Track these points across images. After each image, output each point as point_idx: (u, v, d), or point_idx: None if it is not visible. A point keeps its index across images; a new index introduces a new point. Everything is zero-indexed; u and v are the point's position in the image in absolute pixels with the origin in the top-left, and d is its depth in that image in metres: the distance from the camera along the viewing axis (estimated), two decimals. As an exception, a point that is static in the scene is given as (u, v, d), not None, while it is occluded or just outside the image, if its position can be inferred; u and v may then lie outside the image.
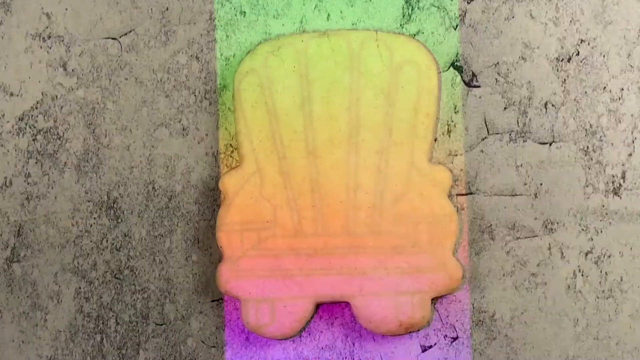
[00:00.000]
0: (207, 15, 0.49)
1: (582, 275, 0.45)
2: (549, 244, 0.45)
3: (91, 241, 0.50)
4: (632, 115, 0.45)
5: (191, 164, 0.49)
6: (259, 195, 0.47)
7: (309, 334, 0.48)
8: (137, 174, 0.50)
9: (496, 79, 0.46)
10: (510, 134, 0.46)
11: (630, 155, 0.45)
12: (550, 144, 0.46)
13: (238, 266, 0.47)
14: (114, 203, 0.50)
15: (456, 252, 0.46)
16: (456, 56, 0.47)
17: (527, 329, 0.46)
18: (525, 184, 0.46)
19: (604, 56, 0.45)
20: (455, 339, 0.46)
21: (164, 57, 0.50)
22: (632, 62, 0.45)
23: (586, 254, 0.45)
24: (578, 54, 0.46)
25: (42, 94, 0.51)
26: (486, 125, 0.47)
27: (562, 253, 0.45)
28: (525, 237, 0.46)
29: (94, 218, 0.50)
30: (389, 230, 0.46)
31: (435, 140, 0.47)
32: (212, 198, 0.49)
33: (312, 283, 0.46)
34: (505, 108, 0.46)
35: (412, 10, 0.47)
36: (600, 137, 0.45)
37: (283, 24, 0.48)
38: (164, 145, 0.50)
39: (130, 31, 0.50)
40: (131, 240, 0.50)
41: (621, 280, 0.45)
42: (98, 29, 0.50)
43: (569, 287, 0.45)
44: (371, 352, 0.47)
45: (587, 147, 0.45)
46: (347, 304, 0.47)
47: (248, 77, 0.47)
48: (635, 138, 0.45)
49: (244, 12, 0.49)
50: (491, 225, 0.46)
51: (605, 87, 0.45)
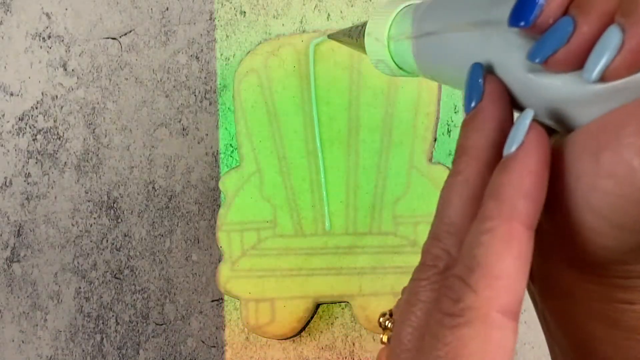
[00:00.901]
0: (207, 15, 0.49)
1: (582, 275, 0.45)
2: (549, 244, 0.45)
3: (91, 241, 0.50)
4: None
5: (191, 164, 0.49)
6: (259, 195, 0.47)
7: (309, 334, 0.48)
8: (137, 174, 0.50)
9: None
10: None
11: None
12: (550, 144, 0.46)
13: (238, 266, 0.47)
14: (114, 203, 0.50)
15: (456, 252, 0.46)
16: (456, 56, 0.47)
17: (527, 329, 0.46)
18: (525, 184, 0.46)
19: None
20: (455, 339, 0.46)
21: (164, 57, 0.50)
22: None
23: (586, 254, 0.45)
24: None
25: (42, 94, 0.51)
26: (486, 125, 0.47)
27: (562, 253, 0.45)
28: (525, 237, 0.46)
29: (94, 218, 0.50)
30: (389, 230, 0.46)
31: (435, 140, 0.47)
32: (212, 198, 0.49)
33: (312, 283, 0.46)
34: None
35: (412, 10, 0.47)
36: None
37: (283, 24, 0.48)
38: (164, 145, 0.50)
39: (130, 31, 0.50)
40: (131, 240, 0.50)
41: (621, 280, 0.45)
42: (98, 29, 0.50)
43: (569, 287, 0.45)
44: (371, 352, 0.47)
45: (587, 147, 0.45)
46: (347, 304, 0.47)
47: (248, 77, 0.47)
48: (635, 138, 0.45)
49: (244, 12, 0.49)
50: (491, 225, 0.46)
51: (605, 87, 0.45)
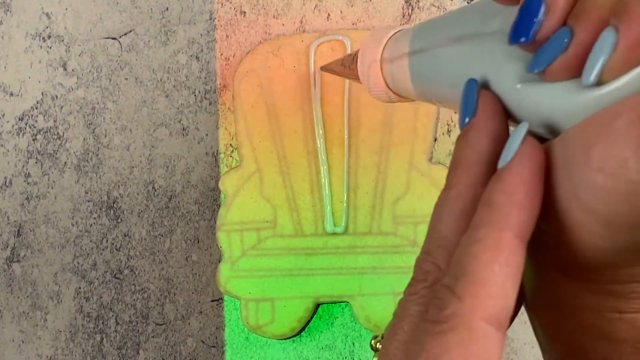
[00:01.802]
0: (207, 15, 0.49)
1: (582, 275, 0.45)
2: (549, 244, 0.45)
3: (91, 241, 0.50)
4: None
5: (191, 164, 0.49)
6: (259, 195, 0.47)
7: (309, 334, 0.48)
8: (137, 174, 0.50)
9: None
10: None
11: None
12: (550, 144, 0.46)
13: (238, 266, 0.47)
14: (114, 203, 0.50)
15: (456, 252, 0.46)
16: (456, 56, 0.47)
17: (527, 329, 0.46)
18: (525, 184, 0.46)
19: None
20: (455, 339, 0.46)
21: (164, 57, 0.50)
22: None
23: (586, 254, 0.45)
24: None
25: (42, 94, 0.51)
26: (486, 125, 0.47)
27: (562, 253, 0.45)
28: (525, 237, 0.46)
29: (94, 218, 0.50)
30: (389, 230, 0.46)
31: (435, 140, 0.47)
32: (212, 198, 0.49)
33: (312, 283, 0.46)
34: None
35: (412, 10, 0.47)
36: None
37: (283, 24, 0.48)
38: (164, 145, 0.50)
39: (130, 31, 0.50)
40: (131, 240, 0.50)
41: (621, 280, 0.45)
42: (98, 29, 0.50)
43: (569, 287, 0.45)
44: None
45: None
46: (347, 304, 0.47)
47: (248, 77, 0.47)
48: (635, 138, 0.45)
49: (244, 12, 0.49)
50: (491, 225, 0.46)
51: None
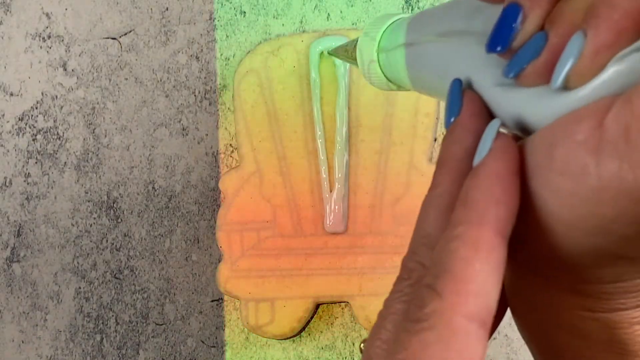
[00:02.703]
0: (207, 15, 0.49)
1: (582, 275, 0.45)
2: (549, 244, 0.45)
3: (91, 241, 0.50)
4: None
5: (191, 164, 0.49)
6: (259, 195, 0.47)
7: (309, 334, 0.48)
8: (137, 174, 0.50)
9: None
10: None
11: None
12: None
13: (238, 266, 0.47)
14: (114, 203, 0.50)
15: (456, 252, 0.46)
16: (456, 56, 0.47)
17: (527, 329, 0.46)
18: (525, 184, 0.46)
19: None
20: (455, 339, 0.46)
21: (164, 57, 0.50)
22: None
23: (586, 254, 0.45)
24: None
25: (42, 94, 0.51)
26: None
27: (562, 253, 0.45)
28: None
29: (94, 218, 0.50)
30: (389, 230, 0.46)
31: (435, 140, 0.47)
32: (212, 198, 0.49)
33: (312, 283, 0.46)
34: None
35: (412, 10, 0.47)
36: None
37: (283, 24, 0.48)
38: (164, 145, 0.50)
39: (130, 31, 0.50)
40: (131, 240, 0.50)
41: (621, 280, 0.45)
42: (98, 29, 0.50)
43: (569, 287, 0.45)
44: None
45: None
46: (347, 304, 0.47)
47: (248, 77, 0.47)
48: (635, 138, 0.45)
49: (244, 12, 0.49)
50: (491, 225, 0.46)
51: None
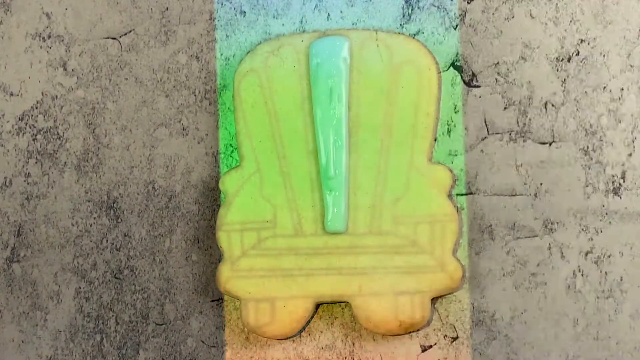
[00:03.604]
0: (207, 15, 0.49)
1: (582, 275, 0.45)
2: (549, 244, 0.45)
3: (91, 241, 0.50)
4: (632, 115, 0.45)
5: (191, 164, 0.49)
6: (259, 195, 0.47)
7: (309, 334, 0.48)
8: (137, 174, 0.50)
9: (496, 79, 0.46)
10: (510, 134, 0.46)
11: (630, 155, 0.45)
12: (550, 144, 0.46)
13: (238, 266, 0.47)
14: (114, 203, 0.50)
15: (456, 252, 0.46)
16: (456, 56, 0.47)
17: (527, 329, 0.46)
18: (525, 184, 0.46)
19: (604, 56, 0.45)
20: (455, 339, 0.46)
21: (164, 57, 0.50)
22: (632, 62, 0.45)
23: (586, 254, 0.45)
24: (578, 54, 0.46)
25: (42, 94, 0.51)
26: (486, 125, 0.47)
27: (562, 253, 0.45)
28: (525, 237, 0.46)
29: (94, 218, 0.50)
30: (389, 230, 0.46)
31: (435, 140, 0.47)
32: (212, 198, 0.49)
33: (312, 283, 0.46)
34: (505, 108, 0.46)
35: (412, 10, 0.47)
36: (600, 137, 0.45)
37: (283, 24, 0.48)
38: (164, 145, 0.50)
39: (130, 31, 0.50)
40: (131, 240, 0.50)
41: (621, 280, 0.45)
42: (98, 29, 0.50)
43: (569, 287, 0.45)
44: (371, 352, 0.47)
45: (587, 147, 0.45)
46: (347, 304, 0.47)
47: (248, 77, 0.47)
48: (635, 138, 0.45)
49: (244, 12, 0.49)
50: (491, 225, 0.46)
51: (605, 87, 0.45)
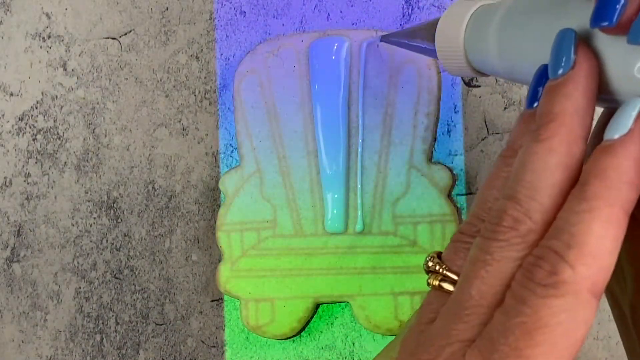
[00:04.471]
0: (207, 15, 0.49)
1: (582, 275, 0.45)
2: (549, 244, 0.45)
3: (91, 241, 0.50)
4: (632, 115, 0.45)
5: (191, 164, 0.49)
6: (259, 195, 0.47)
7: (309, 334, 0.48)
8: (137, 174, 0.50)
9: (496, 79, 0.46)
10: (510, 134, 0.46)
11: (630, 155, 0.45)
12: (550, 144, 0.46)
13: (238, 266, 0.47)
14: (114, 203, 0.50)
15: (456, 252, 0.46)
16: (456, 56, 0.47)
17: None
18: (525, 184, 0.46)
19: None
20: (455, 339, 0.46)
21: (164, 57, 0.50)
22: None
23: (586, 254, 0.45)
24: (578, 54, 0.45)
25: (42, 94, 0.51)
26: (486, 125, 0.47)
27: (562, 253, 0.45)
28: (525, 237, 0.46)
29: (94, 218, 0.50)
30: (389, 230, 0.46)
31: (435, 140, 0.47)
32: (212, 198, 0.49)
33: (312, 283, 0.46)
34: (505, 108, 0.46)
35: (412, 10, 0.47)
36: (600, 137, 0.45)
37: (283, 24, 0.48)
38: (164, 145, 0.50)
39: (130, 31, 0.50)
40: (131, 240, 0.50)
41: (621, 280, 0.45)
42: (98, 29, 0.50)
43: (569, 287, 0.45)
44: (371, 352, 0.47)
45: (587, 147, 0.45)
46: (347, 304, 0.47)
47: (248, 77, 0.47)
48: (635, 138, 0.45)
49: (244, 12, 0.49)
50: (491, 225, 0.46)
51: (605, 87, 0.45)
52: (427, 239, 0.45)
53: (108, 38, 0.50)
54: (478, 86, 0.47)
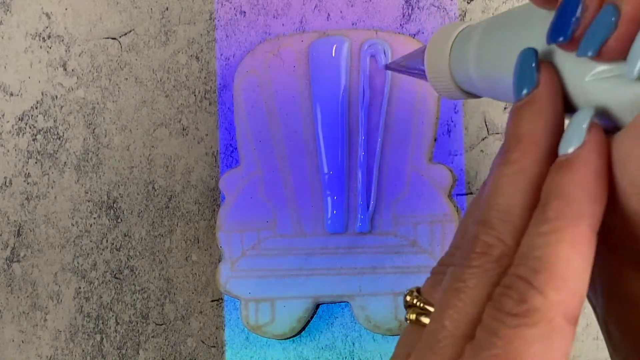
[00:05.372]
0: (207, 15, 0.49)
1: (582, 275, 0.45)
2: (549, 244, 0.45)
3: (91, 241, 0.50)
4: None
5: (191, 164, 0.49)
6: (259, 195, 0.47)
7: (309, 334, 0.48)
8: (137, 174, 0.50)
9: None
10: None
11: (630, 155, 0.45)
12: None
13: (238, 266, 0.47)
14: (114, 203, 0.50)
15: (456, 252, 0.46)
16: (456, 56, 0.47)
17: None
18: (525, 184, 0.46)
19: (604, 56, 0.45)
20: (455, 339, 0.46)
21: (164, 57, 0.50)
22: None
23: (586, 254, 0.45)
24: (578, 54, 0.45)
25: (42, 94, 0.51)
26: (486, 125, 0.47)
27: (562, 253, 0.45)
28: (525, 237, 0.46)
29: (94, 218, 0.50)
30: (389, 230, 0.46)
31: (435, 140, 0.47)
32: (212, 198, 0.49)
33: (312, 283, 0.46)
34: (505, 108, 0.46)
35: (412, 10, 0.47)
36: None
37: (283, 24, 0.48)
38: (164, 145, 0.50)
39: (130, 31, 0.50)
40: (131, 240, 0.50)
41: (621, 280, 0.45)
42: (98, 29, 0.50)
43: (569, 287, 0.45)
44: (371, 352, 0.47)
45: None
46: (347, 304, 0.47)
47: (248, 77, 0.47)
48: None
49: (244, 12, 0.49)
50: (491, 225, 0.46)
51: (605, 87, 0.45)
52: (427, 239, 0.45)
53: (108, 38, 0.50)
54: (478, 86, 0.47)
